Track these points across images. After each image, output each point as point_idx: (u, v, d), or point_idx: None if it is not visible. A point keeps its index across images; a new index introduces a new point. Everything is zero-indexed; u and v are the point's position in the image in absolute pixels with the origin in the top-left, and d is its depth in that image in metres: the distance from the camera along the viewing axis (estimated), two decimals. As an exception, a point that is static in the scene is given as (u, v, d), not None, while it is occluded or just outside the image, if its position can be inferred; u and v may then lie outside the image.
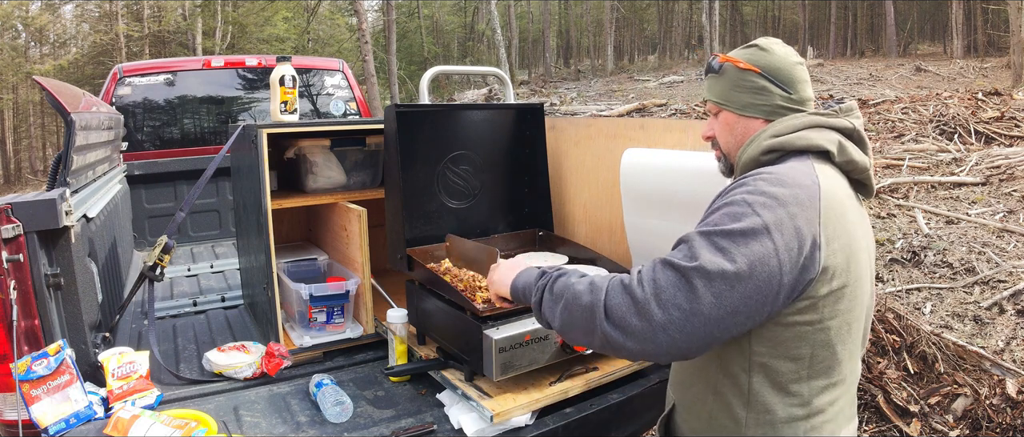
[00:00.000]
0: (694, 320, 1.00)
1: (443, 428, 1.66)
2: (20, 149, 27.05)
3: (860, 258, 1.13)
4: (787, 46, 1.29)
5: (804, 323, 1.08)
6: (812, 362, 1.11)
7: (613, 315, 1.05)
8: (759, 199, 1.05)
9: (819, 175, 1.12)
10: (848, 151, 1.19)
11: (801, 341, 1.09)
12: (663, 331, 1.01)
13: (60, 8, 23.99)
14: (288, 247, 2.69)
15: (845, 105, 1.26)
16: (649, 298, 1.02)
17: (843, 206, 1.12)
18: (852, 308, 1.12)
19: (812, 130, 1.19)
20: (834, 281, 1.07)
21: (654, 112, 12.03)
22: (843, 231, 1.09)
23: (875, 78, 16.73)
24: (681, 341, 1.01)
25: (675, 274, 1.02)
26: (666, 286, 1.02)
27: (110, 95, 3.96)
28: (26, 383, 1.55)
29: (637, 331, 1.03)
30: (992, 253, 4.03)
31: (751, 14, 37.28)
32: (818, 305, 1.07)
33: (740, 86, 1.27)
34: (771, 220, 1.02)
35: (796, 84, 1.25)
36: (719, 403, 1.19)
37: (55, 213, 1.62)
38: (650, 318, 1.01)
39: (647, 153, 1.94)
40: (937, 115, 7.52)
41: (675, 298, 1.01)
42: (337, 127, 2.46)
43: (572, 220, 2.42)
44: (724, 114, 1.31)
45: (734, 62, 1.27)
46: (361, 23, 15.10)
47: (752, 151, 1.22)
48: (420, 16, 27.66)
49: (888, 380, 2.98)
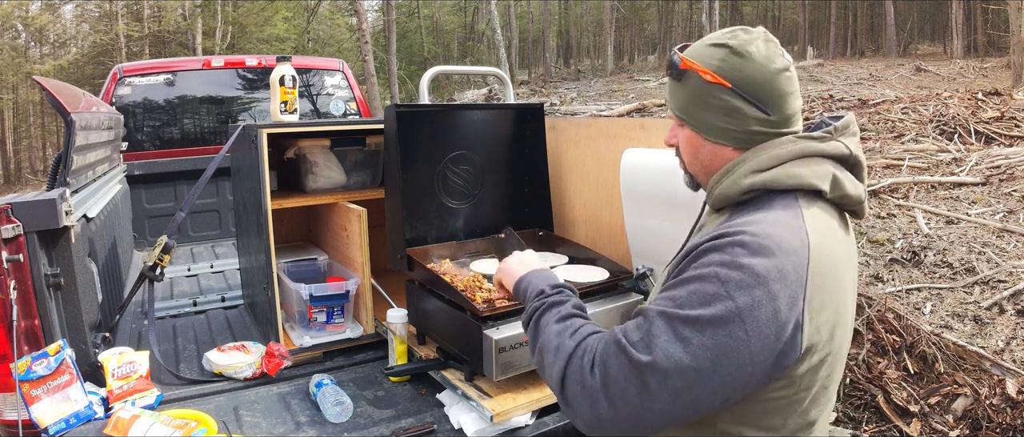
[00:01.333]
0: (646, 415, 0.90)
1: (443, 428, 1.66)
2: (20, 149, 27.06)
3: (847, 320, 1.00)
4: (771, 43, 1.04)
5: (779, 398, 0.96)
6: (784, 429, 0.99)
7: (567, 390, 0.97)
8: (735, 276, 0.88)
9: (809, 229, 0.95)
10: (842, 186, 1.01)
11: (773, 413, 0.97)
12: (610, 424, 0.92)
13: (60, 8, 24.01)
14: (288, 247, 2.69)
15: (841, 122, 1.05)
16: (598, 389, 0.92)
17: (833, 261, 0.96)
18: (833, 371, 1.00)
19: (799, 163, 1.00)
20: (815, 356, 0.94)
21: (654, 112, 12.03)
22: (831, 298, 0.94)
23: (875, 78, 16.72)
24: (631, 432, 0.92)
25: (628, 366, 0.90)
26: (617, 378, 0.91)
27: (110, 95, 3.96)
28: (26, 383, 1.55)
29: (585, 419, 0.95)
30: (992, 253, 4.03)
31: (751, 14, 37.27)
32: (796, 381, 0.95)
33: (706, 103, 1.04)
34: (745, 304, 0.87)
35: (778, 100, 1.02)
36: None
37: (55, 213, 1.62)
38: (597, 411, 0.92)
39: (647, 153, 1.94)
40: (937, 115, 7.52)
41: (625, 393, 0.90)
42: (337, 127, 2.46)
43: (572, 220, 2.41)
44: (687, 130, 1.10)
45: (699, 71, 1.03)
46: (361, 23, 15.10)
47: (728, 188, 1.03)
48: (420, 16, 27.66)
49: (888, 380, 2.98)
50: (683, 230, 1.31)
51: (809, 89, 13.63)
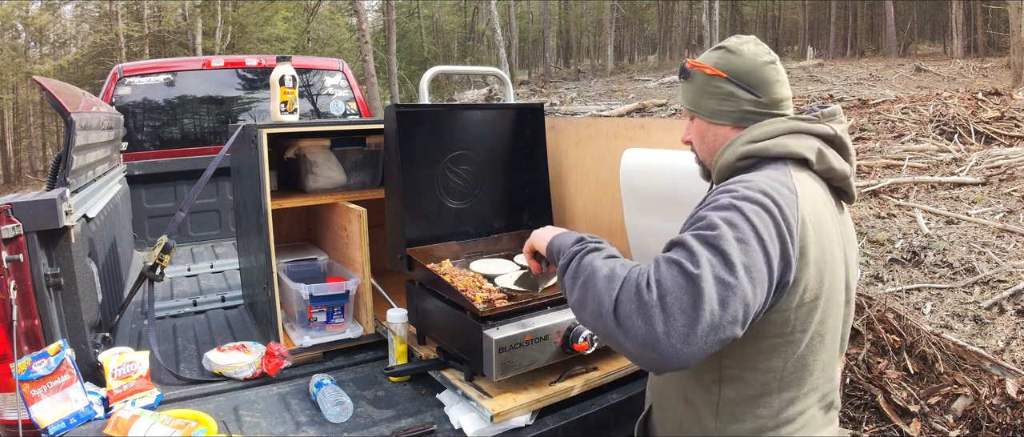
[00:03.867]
0: (697, 326, 0.94)
1: (443, 428, 1.66)
2: (20, 149, 27.05)
3: (835, 270, 1.12)
4: (759, 44, 1.24)
5: (776, 336, 1.08)
6: (783, 375, 1.11)
7: (621, 311, 0.99)
8: (749, 207, 1.03)
9: (797, 184, 1.10)
10: (827, 159, 1.17)
11: (773, 354, 1.09)
12: (666, 338, 0.95)
13: (60, 8, 23.99)
14: (288, 247, 2.69)
15: (828, 109, 1.22)
16: (655, 302, 0.96)
17: (820, 216, 1.10)
18: (825, 319, 1.11)
19: (790, 136, 1.17)
20: (806, 294, 1.06)
21: (654, 112, 12.03)
22: (817, 243, 1.07)
23: (875, 78, 16.72)
24: (684, 349, 0.94)
25: (682, 277, 0.96)
26: (673, 289, 0.96)
27: (110, 95, 3.96)
28: (26, 383, 1.55)
29: (640, 336, 0.96)
30: (992, 253, 4.03)
31: (751, 14, 37.27)
32: (790, 319, 1.07)
33: (708, 92, 1.25)
34: (761, 228, 1.01)
35: (766, 86, 1.21)
36: (689, 411, 1.19)
37: (55, 213, 1.62)
38: (653, 324, 0.95)
39: (647, 153, 1.94)
40: (937, 115, 7.52)
41: (681, 303, 0.94)
42: (337, 127, 2.46)
43: (572, 220, 2.41)
44: (696, 120, 1.30)
45: (701, 67, 1.25)
46: (361, 23, 15.10)
47: (728, 156, 1.20)
48: (420, 16, 27.66)
49: (888, 380, 2.98)
50: (683, 230, 1.34)
51: (809, 89, 13.62)
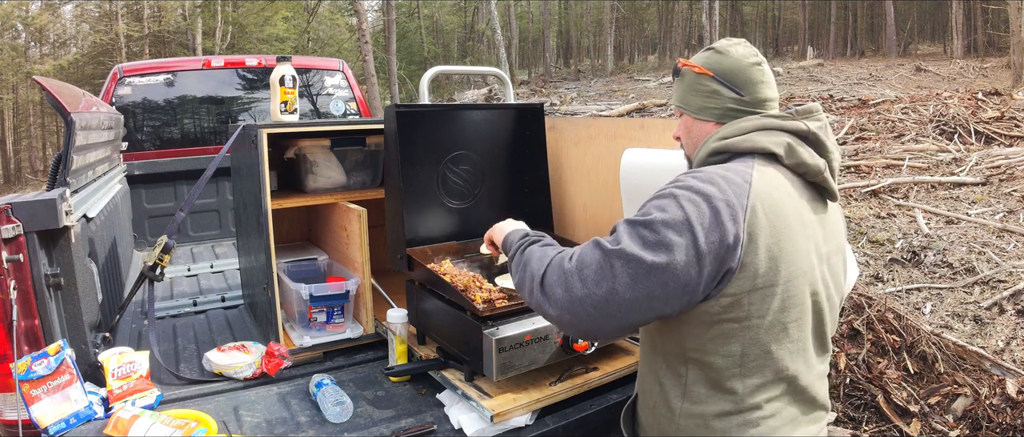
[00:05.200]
0: (611, 299, 1.07)
1: (443, 428, 1.66)
2: (20, 149, 27.05)
3: (796, 260, 1.13)
4: (748, 47, 1.29)
5: (730, 320, 1.12)
6: (743, 360, 1.14)
7: (546, 282, 1.16)
8: (685, 194, 1.10)
9: (755, 175, 1.14)
10: (798, 154, 1.19)
11: (729, 339, 1.13)
12: (580, 304, 1.09)
13: (60, 8, 23.99)
14: (288, 247, 2.69)
15: (803, 107, 1.26)
16: (573, 272, 1.12)
17: (777, 207, 1.13)
18: (785, 309, 1.13)
19: (760, 133, 1.21)
20: (758, 280, 1.10)
21: (654, 112, 12.03)
22: (770, 231, 1.10)
23: (875, 78, 16.72)
24: (597, 317, 1.09)
25: (600, 254, 1.10)
26: (590, 263, 1.10)
27: (110, 95, 3.96)
28: (26, 383, 1.55)
29: (559, 300, 1.12)
30: (992, 253, 4.03)
31: (751, 14, 37.26)
32: (742, 302, 1.10)
33: (695, 90, 1.31)
34: (693, 213, 1.07)
35: (751, 86, 1.25)
36: (661, 393, 1.25)
37: (55, 213, 1.62)
38: (571, 290, 1.11)
39: (647, 153, 1.94)
40: (937, 115, 7.52)
41: (596, 275, 1.09)
42: (337, 127, 2.45)
43: (572, 220, 2.42)
44: (685, 117, 1.35)
45: (691, 67, 1.31)
46: (361, 23, 15.10)
47: (702, 152, 1.27)
48: (420, 16, 27.64)
49: (888, 380, 2.98)
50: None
51: (809, 89, 13.62)
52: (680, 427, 1.20)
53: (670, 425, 1.22)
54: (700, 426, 1.18)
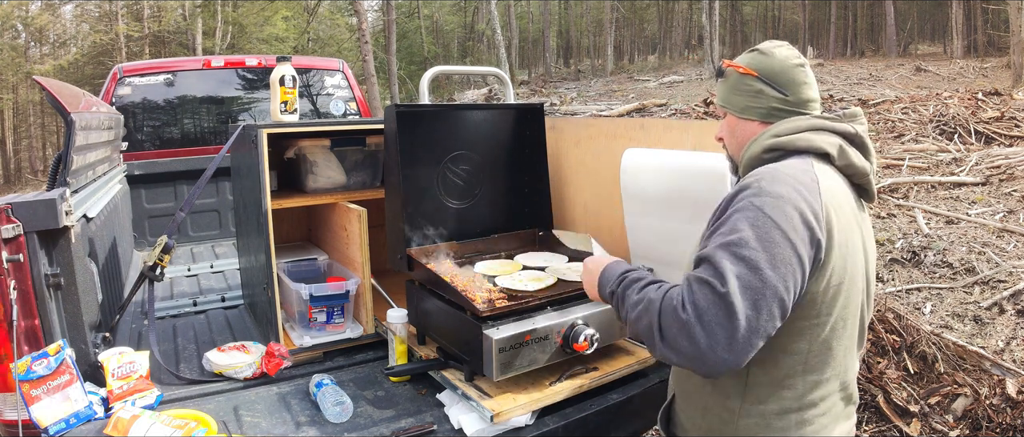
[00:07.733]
0: (737, 335, 1.03)
1: (443, 428, 1.66)
2: (20, 149, 27.04)
3: (856, 258, 1.18)
4: (791, 49, 1.32)
5: (804, 319, 1.14)
6: (808, 357, 1.17)
7: (666, 334, 1.10)
8: (765, 201, 1.10)
9: (818, 173, 1.17)
10: (848, 155, 1.23)
11: (799, 337, 1.15)
12: (711, 351, 1.04)
13: (60, 8, 23.98)
14: (288, 247, 2.69)
15: (850, 110, 1.30)
16: (693, 321, 1.06)
17: (841, 205, 1.16)
18: (847, 304, 1.18)
19: (814, 133, 1.23)
20: (833, 277, 1.13)
21: (654, 112, 12.03)
22: (839, 228, 1.14)
23: (875, 78, 16.72)
24: (730, 356, 1.04)
25: (712, 294, 1.06)
26: (706, 307, 1.05)
27: (110, 95, 3.96)
28: (26, 383, 1.55)
29: (688, 353, 1.06)
30: (992, 253, 4.03)
31: (751, 14, 37.25)
32: (817, 301, 1.13)
33: (739, 90, 1.33)
34: (780, 218, 1.08)
35: (794, 86, 1.28)
36: (715, 394, 1.24)
37: (55, 213, 1.62)
38: (696, 341, 1.05)
39: (647, 153, 1.94)
40: (937, 115, 7.52)
41: (717, 317, 1.04)
42: (337, 127, 2.45)
43: (572, 220, 2.41)
44: (728, 117, 1.37)
45: (735, 67, 1.34)
46: (361, 23, 15.10)
47: (755, 149, 1.28)
48: (420, 16, 27.64)
49: (888, 380, 2.98)
50: (683, 229, 1.38)
51: (809, 89, 13.58)
52: (739, 427, 1.21)
53: (728, 426, 1.22)
54: (761, 425, 1.19)
